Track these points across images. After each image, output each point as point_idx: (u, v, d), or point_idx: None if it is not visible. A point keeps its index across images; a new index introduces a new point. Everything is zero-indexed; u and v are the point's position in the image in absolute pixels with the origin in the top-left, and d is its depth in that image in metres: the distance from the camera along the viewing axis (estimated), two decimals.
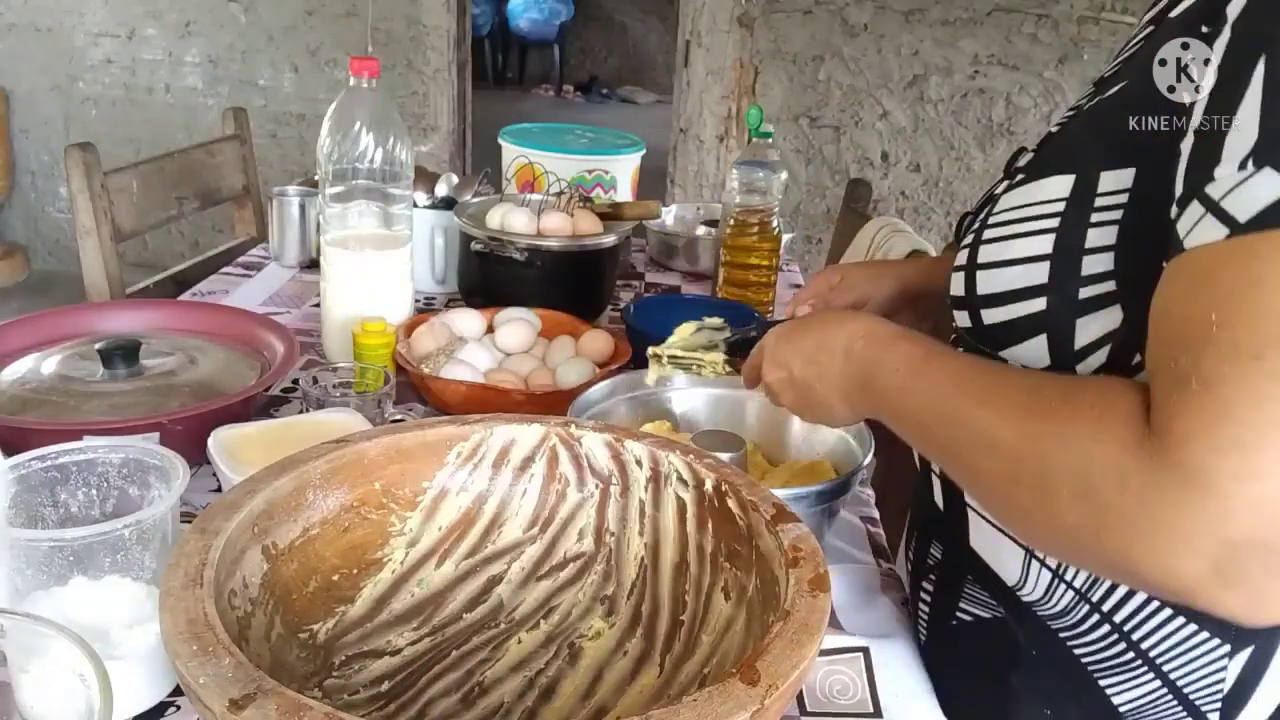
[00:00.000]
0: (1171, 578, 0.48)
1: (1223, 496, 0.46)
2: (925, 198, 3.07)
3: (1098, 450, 0.50)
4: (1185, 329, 0.49)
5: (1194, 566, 0.47)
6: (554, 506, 0.66)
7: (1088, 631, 0.66)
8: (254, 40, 3.37)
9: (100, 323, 1.08)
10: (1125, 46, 0.70)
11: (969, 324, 0.67)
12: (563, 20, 7.36)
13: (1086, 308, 0.59)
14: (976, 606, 0.73)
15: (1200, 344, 0.48)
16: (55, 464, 0.64)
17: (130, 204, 1.55)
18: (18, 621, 0.47)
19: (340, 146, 1.08)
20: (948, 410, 0.60)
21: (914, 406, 0.63)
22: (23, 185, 3.74)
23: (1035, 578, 0.67)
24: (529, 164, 1.53)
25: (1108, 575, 0.59)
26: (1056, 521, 0.52)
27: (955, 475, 0.63)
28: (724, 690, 0.42)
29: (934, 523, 0.77)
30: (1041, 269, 0.60)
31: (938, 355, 0.64)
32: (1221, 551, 0.46)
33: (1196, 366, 0.47)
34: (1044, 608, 0.68)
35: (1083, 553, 0.53)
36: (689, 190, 3.19)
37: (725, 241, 1.35)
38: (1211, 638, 0.62)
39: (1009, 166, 0.74)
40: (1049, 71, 2.88)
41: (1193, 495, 0.46)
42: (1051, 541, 0.56)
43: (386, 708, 0.57)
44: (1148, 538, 0.48)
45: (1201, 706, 0.64)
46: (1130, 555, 0.49)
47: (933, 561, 0.78)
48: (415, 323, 1.15)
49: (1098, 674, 0.66)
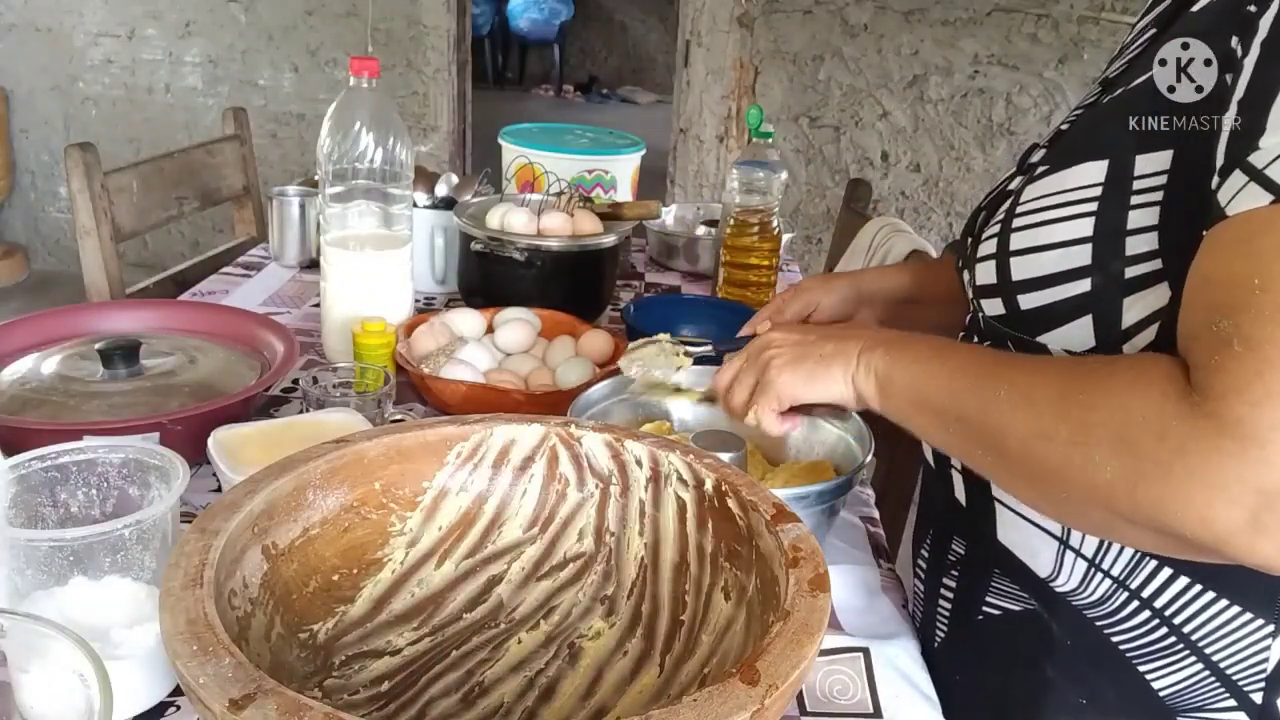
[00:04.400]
0: (1207, 527, 0.49)
1: (1260, 446, 0.47)
2: (925, 198, 3.07)
3: (1137, 404, 0.52)
4: (1227, 293, 0.50)
5: (1230, 515, 0.48)
6: (554, 506, 0.66)
7: (1127, 619, 0.66)
8: (254, 40, 3.37)
9: (100, 323, 1.08)
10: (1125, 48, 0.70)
11: (1002, 310, 0.67)
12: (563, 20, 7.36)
13: (1133, 286, 0.59)
14: (1005, 600, 0.73)
15: (1242, 307, 0.49)
16: (55, 464, 0.64)
17: (130, 204, 1.55)
18: (18, 621, 0.47)
19: (340, 146, 1.08)
20: (984, 373, 0.61)
21: (945, 372, 0.64)
22: (23, 185, 3.74)
23: (1070, 568, 0.67)
24: (529, 164, 1.53)
25: (1129, 534, 0.58)
26: (1092, 477, 0.53)
27: (976, 442, 0.62)
28: (724, 690, 0.42)
29: (954, 519, 0.77)
30: (1083, 251, 0.61)
31: (968, 344, 0.67)
32: (1258, 500, 0.47)
33: (1238, 328, 0.49)
34: (1079, 598, 0.67)
35: (1115, 510, 0.53)
36: (689, 190, 3.19)
37: (725, 241, 1.35)
38: (1255, 618, 0.63)
39: (1023, 161, 0.74)
40: (1049, 71, 2.88)
41: (1231, 445, 0.47)
42: (1076, 499, 0.56)
43: (386, 708, 0.57)
44: (1184, 487, 0.49)
45: (1245, 687, 0.64)
46: (1166, 506, 0.50)
47: (954, 558, 0.78)
48: (415, 323, 1.15)
49: (1137, 660, 0.67)
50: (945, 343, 0.68)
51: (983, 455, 0.63)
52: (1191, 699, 0.65)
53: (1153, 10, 0.69)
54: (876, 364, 0.69)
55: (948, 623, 0.79)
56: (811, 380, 0.73)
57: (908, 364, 0.67)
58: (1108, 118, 0.65)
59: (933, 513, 0.82)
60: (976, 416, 0.61)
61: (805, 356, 0.74)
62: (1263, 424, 0.47)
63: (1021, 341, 0.66)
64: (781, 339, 0.76)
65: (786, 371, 0.74)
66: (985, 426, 0.60)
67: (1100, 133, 0.64)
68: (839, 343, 0.72)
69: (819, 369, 0.72)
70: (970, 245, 0.74)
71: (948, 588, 0.78)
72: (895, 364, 0.68)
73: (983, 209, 0.76)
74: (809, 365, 0.73)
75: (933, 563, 0.81)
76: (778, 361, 0.75)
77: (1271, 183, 0.49)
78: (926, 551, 0.82)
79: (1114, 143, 0.61)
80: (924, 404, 0.65)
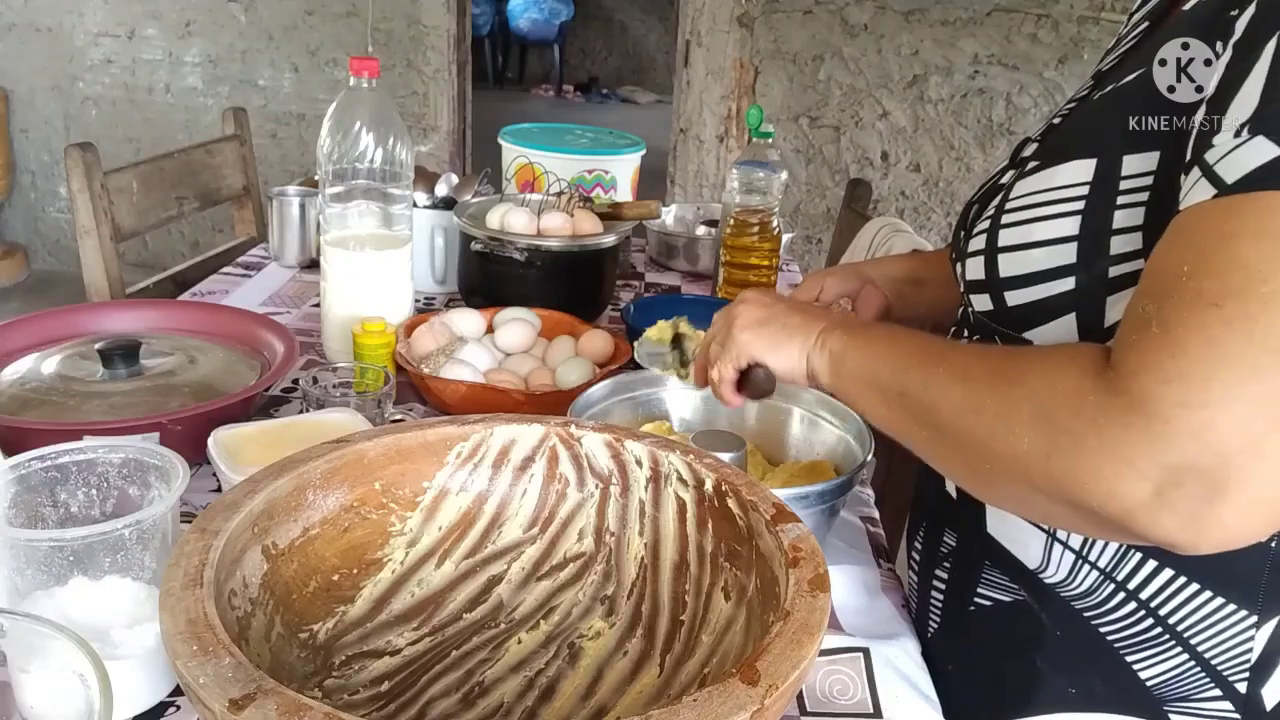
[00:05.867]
0: (1112, 500, 0.50)
1: (1165, 422, 0.48)
2: (925, 198, 3.07)
3: (1060, 379, 0.53)
4: (1158, 280, 0.52)
5: (1136, 489, 0.49)
6: (554, 506, 0.66)
7: (1114, 609, 0.67)
8: (254, 40, 3.37)
9: (100, 323, 1.08)
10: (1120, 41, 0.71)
11: (990, 307, 0.68)
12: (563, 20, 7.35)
13: (1116, 286, 0.60)
14: (995, 591, 0.74)
15: (1168, 292, 0.50)
16: (55, 464, 0.64)
17: (130, 204, 1.55)
18: (18, 621, 0.47)
19: (340, 146, 1.08)
20: (928, 355, 0.63)
21: (892, 353, 0.65)
22: (23, 185, 3.74)
23: (1058, 560, 0.68)
24: (529, 164, 1.53)
25: (1046, 509, 0.58)
26: (1011, 448, 0.54)
27: (914, 417, 0.63)
28: (724, 690, 0.42)
29: (947, 511, 0.78)
30: (1069, 250, 0.62)
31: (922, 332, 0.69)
32: (1162, 476, 0.48)
33: (1160, 311, 0.50)
34: (1067, 589, 0.68)
35: (1031, 483, 0.54)
36: (689, 190, 3.19)
37: (725, 241, 1.35)
38: (1239, 609, 0.63)
39: (1015, 155, 0.75)
40: (1049, 71, 2.88)
41: (1138, 420, 0.49)
42: (999, 472, 0.57)
43: (386, 708, 0.57)
44: (1095, 460, 0.50)
45: (1229, 677, 0.65)
46: (1077, 477, 0.51)
47: (946, 550, 0.78)
48: (415, 323, 1.15)
49: (1124, 650, 0.67)
50: (902, 330, 0.69)
51: (919, 430, 0.63)
52: (1178, 689, 0.66)
53: (1147, 3, 0.70)
54: (832, 344, 0.70)
55: (940, 614, 0.80)
56: (773, 346, 0.74)
57: (860, 345, 0.68)
58: (1098, 114, 0.66)
59: (925, 506, 0.83)
60: (916, 393, 0.62)
61: (770, 320, 0.75)
62: (1169, 401, 0.48)
63: (1009, 338, 0.67)
64: (754, 298, 0.78)
65: (749, 331, 0.75)
66: (923, 402, 0.61)
67: (1090, 130, 0.65)
68: (805, 318, 0.73)
69: (781, 336, 0.74)
70: (963, 239, 0.74)
71: (940, 580, 0.79)
72: (849, 345, 0.69)
73: (975, 202, 0.77)
74: (772, 330, 0.74)
75: (925, 555, 0.81)
76: (741, 321, 0.76)
77: (1216, 177, 0.50)
78: (919, 544, 0.83)
79: (1103, 141, 0.62)
80: (871, 382, 0.67)
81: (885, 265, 1.02)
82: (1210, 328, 0.48)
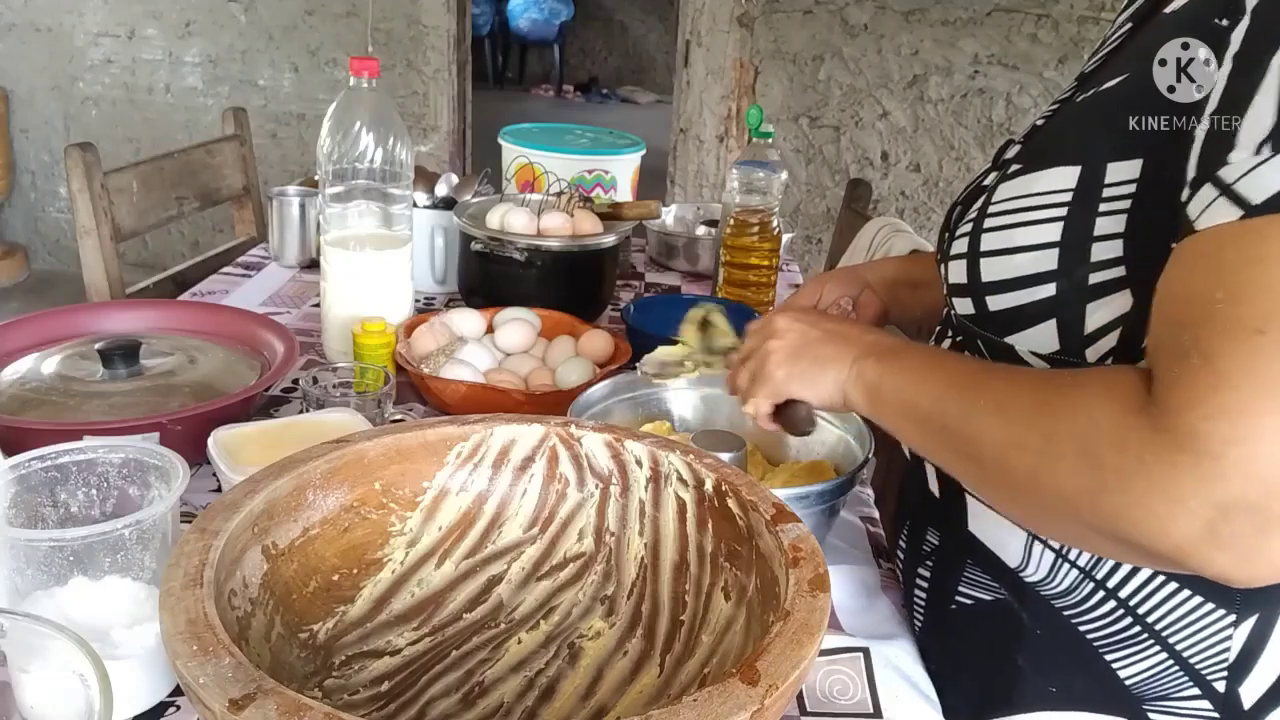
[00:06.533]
0: (1164, 539, 0.49)
1: (1214, 459, 0.47)
2: (925, 198, 3.07)
3: (1102, 415, 0.52)
4: (1189, 306, 0.51)
5: (1186, 527, 0.48)
6: (554, 506, 0.66)
7: (1093, 608, 0.67)
8: (254, 40, 3.37)
9: (100, 323, 1.08)
10: (1105, 41, 0.71)
11: (971, 310, 0.68)
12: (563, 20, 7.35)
13: (1097, 293, 0.60)
14: (976, 589, 0.74)
15: (1203, 320, 0.49)
16: (55, 464, 0.64)
17: (130, 204, 1.55)
18: (18, 621, 0.47)
19: (340, 146, 1.08)
20: (967, 383, 0.62)
21: (931, 382, 0.64)
22: (23, 185, 3.74)
23: (1038, 559, 0.68)
24: (529, 164, 1.53)
25: (1096, 544, 0.59)
26: (1057, 486, 0.54)
27: (957, 450, 0.62)
28: (724, 690, 0.42)
29: (929, 510, 0.78)
30: (1050, 256, 0.62)
31: (958, 355, 0.68)
32: (1213, 513, 0.48)
33: (1197, 341, 0.49)
34: (1047, 587, 0.68)
35: (1078, 519, 0.54)
36: (689, 190, 3.19)
37: (725, 241, 1.35)
38: (1217, 608, 0.63)
39: (998, 157, 0.75)
40: (1049, 71, 2.88)
41: (1187, 459, 0.48)
42: (1047, 508, 0.57)
43: (386, 708, 0.57)
44: (1143, 499, 0.49)
45: (1207, 676, 0.65)
46: (1125, 516, 0.50)
47: (929, 548, 0.78)
48: (415, 323, 1.15)
49: (1103, 649, 0.67)
50: (936, 353, 0.69)
51: (963, 464, 0.63)
52: (1157, 688, 0.66)
53: (1132, 4, 0.70)
54: (868, 374, 0.69)
55: (924, 612, 0.80)
56: (806, 381, 0.73)
57: (896, 374, 0.67)
58: (1081, 117, 0.65)
59: (909, 504, 0.82)
60: (957, 425, 0.61)
61: (802, 355, 0.74)
62: (1217, 438, 0.47)
63: (990, 341, 0.67)
64: (785, 327, 0.76)
65: (784, 367, 0.74)
66: (964, 435, 0.60)
67: (1074, 134, 0.65)
68: (838, 347, 0.72)
69: (813, 370, 0.73)
70: (946, 241, 0.74)
71: (923, 578, 0.79)
72: (885, 373, 0.68)
73: (959, 204, 0.77)
74: (804, 365, 0.73)
75: (909, 553, 0.81)
76: (776, 356, 0.75)
77: (1240, 197, 0.49)
78: (904, 542, 0.83)
79: (1087, 147, 0.61)
80: (910, 413, 0.66)
81: (881, 268, 1.01)
82: (1251, 357, 0.47)
